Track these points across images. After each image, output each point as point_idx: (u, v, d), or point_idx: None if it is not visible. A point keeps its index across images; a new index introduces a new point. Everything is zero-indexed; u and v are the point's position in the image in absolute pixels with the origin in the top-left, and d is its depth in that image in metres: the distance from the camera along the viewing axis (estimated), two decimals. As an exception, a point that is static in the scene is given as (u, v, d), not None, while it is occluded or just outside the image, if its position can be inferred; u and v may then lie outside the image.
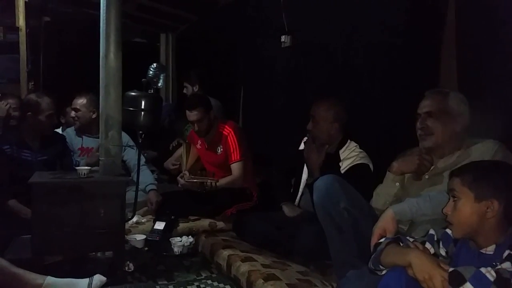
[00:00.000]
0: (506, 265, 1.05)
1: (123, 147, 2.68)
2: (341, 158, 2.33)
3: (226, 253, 2.23)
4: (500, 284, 1.01)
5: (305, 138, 2.55)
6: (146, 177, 2.93)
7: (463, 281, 1.04)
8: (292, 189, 2.59)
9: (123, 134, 2.54)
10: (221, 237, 2.56)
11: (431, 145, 1.78)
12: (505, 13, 1.95)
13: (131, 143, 2.90)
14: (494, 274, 1.02)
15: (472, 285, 1.03)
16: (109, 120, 2.21)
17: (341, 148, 2.36)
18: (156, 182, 3.05)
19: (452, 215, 1.22)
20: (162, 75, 2.43)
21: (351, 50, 2.79)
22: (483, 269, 1.04)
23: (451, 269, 1.09)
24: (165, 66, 4.70)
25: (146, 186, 2.91)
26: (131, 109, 2.29)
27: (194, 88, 3.72)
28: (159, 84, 2.41)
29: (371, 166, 2.27)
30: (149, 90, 2.36)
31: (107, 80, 2.20)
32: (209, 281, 2.16)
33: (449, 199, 1.26)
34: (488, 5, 2.03)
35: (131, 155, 2.95)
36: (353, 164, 2.27)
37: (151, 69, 2.40)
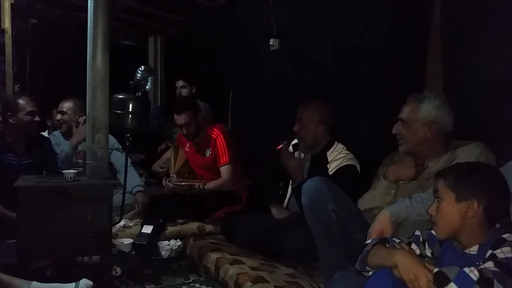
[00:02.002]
0: (488, 264, 1.07)
1: (110, 150, 2.66)
2: (329, 159, 2.34)
3: (214, 256, 2.23)
4: (482, 284, 1.02)
5: (294, 141, 2.56)
6: (133, 179, 2.91)
7: (447, 281, 1.05)
8: (280, 192, 2.60)
9: (110, 137, 2.52)
10: (209, 240, 2.55)
11: (405, 149, 1.85)
12: (489, 17, 1.99)
13: (118, 146, 2.88)
14: (477, 273, 1.04)
15: (456, 285, 1.04)
16: (96, 123, 2.19)
17: (328, 149, 2.37)
18: (143, 183, 3.03)
19: (435, 215, 1.24)
20: (150, 77, 2.42)
21: (339, 54, 2.81)
22: (466, 269, 1.05)
23: (436, 270, 1.10)
24: (153, 68, 4.68)
25: (133, 188, 2.89)
26: (118, 112, 2.27)
27: (192, 89, 3.72)
28: (147, 87, 2.39)
29: (358, 167, 2.29)
30: (137, 93, 2.35)
31: (94, 82, 2.18)
32: (197, 285, 2.15)
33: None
34: (473, 9, 2.06)
35: (117, 157, 2.94)
36: (341, 165, 2.28)
37: (139, 71, 2.39)
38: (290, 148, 2.59)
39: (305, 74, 3.12)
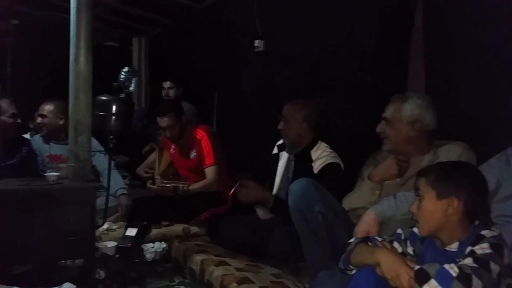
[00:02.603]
0: (467, 260, 1.09)
1: (93, 153, 2.63)
2: (313, 158, 2.35)
3: (199, 258, 2.22)
4: (462, 279, 1.04)
5: (279, 142, 2.56)
6: (116, 182, 2.88)
7: (428, 278, 1.07)
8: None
9: (92, 139, 2.50)
10: (194, 242, 2.54)
11: (388, 148, 1.88)
12: (470, 19, 2.03)
13: (101, 148, 2.86)
14: (456, 270, 1.06)
15: (437, 281, 1.06)
16: (78, 125, 2.16)
17: (312, 148, 2.39)
18: (126, 186, 3.01)
19: (417, 213, 1.26)
20: (134, 79, 2.40)
21: (323, 55, 2.84)
22: (446, 266, 1.07)
23: (417, 267, 1.12)
24: (137, 70, 4.65)
25: (117, 190, 2.86)
26: (101, 113, 2.25)
27: (179, 90, 3.71)
28: (131, 88, 2.38)
29: (342, 165, 2.31)
30: (121, 94, 2.33)
31: (77, 84, 2.16)
32: (182, 287, 2.15)
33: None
34: (454, 10, 2.11)
35: (100, 160, 2.90)
36: (326, 163, 2.30)
37: (123, 73, 2.37)
38: (275, 149, 2.60)
39: (290, 75, 3.13)
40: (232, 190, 2.41)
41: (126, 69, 2.38)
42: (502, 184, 1.52)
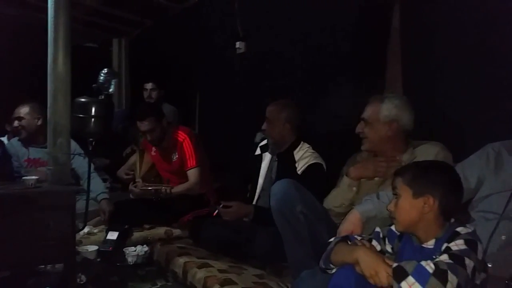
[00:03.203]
0: (443, 257, 1.12)
1: (72, 155, 2.59)
2: (296, 158, 2.37)
3: (182, 260, 2.21)
4: (438, 275, 1.07)
5: (262, 143, 2.58)
6: (97, 186, 2.84)
7: (406, 275, 1.10)
8: (248, 194, 2.61)
9: (71, 141, 2.46)
10: (177, 244, 2.53)
11: (367, 148, 1.93)
12: (446, 21, 2.08)
13: (80, 150, 2.81)
14: (433, 266, 1.08)
15: (414, 278, 1.08)
16: (57, 127, 2.13)
17: (294, 149, 2.40)
18: (107, 190, 2.97)
19: (394, 211, 1.29)
20: (113, 80, 2.38)
21: (304, 56, 2.87)
22: (423, 262, 1.10)
23: (395, 265, 1.14)
24: (117, 71, 4.60)
25: (98, 195, 2.82)
26: (80, 115, 2.22)
27: (161, 92, 3.69)
28: (110, 90, 2.36)
29: (324, 165, 2.33)
30: (100, 96, 2.30)
31: (56, 86, 2.13)
32: (165, 290, 2.14)
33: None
34: (431, 12, 2.16)
35: (80, 163, 2.86)
36: (309, 164, 2.32)
37: (102, 74, 2.35)
38: (258, 150, 2.61)
39: (271, 76, 3.15)
40: (215, 213, 2.44)
41: (105, 70, 2.36)
42: (484, 182, 1.57)
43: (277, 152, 2.46)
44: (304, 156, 2.36)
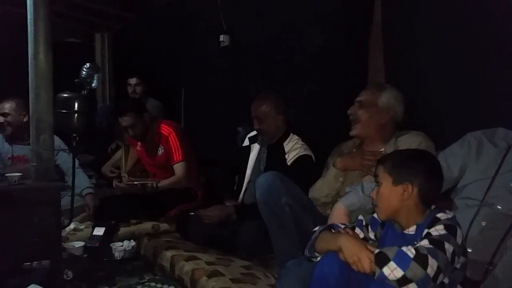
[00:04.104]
0: (424, 242, 1.15)
1: (56, 151, 2.57)
2: (286, 150, 2.39)
3: (169, 254, 2.22)
4: (418, 260, 1.10)
5: (251, 134, 2.58)
6: (82, 181, 2.82)
7: (388, 260, 1.12)
8: (236, 186, 2.62)
9: (55, 137, 2.44)
10: (164, 238, 2.53)
11: (357, 132, 1.93)
12: (427, 13, 2.11)
13: (64, 146, 2.79)
14: (413, 251, 1.11)
15: (395, 263, 1.11)
16: (40, 123, 2.11)
17: (284, 140, 2.42)
18: (92, 185, 2.94)
19: (376, 198, 1.32)
20: (96, 75, 2.36)
21: (287, 49, 2.88)
22: (404, 248, 1.13)
23: (377, 251, 1.17)
24: (99, 66, 4.54)
25: (82, 190, 2.80)
26: (63, 111, 2.20)
27: (145, 86, 3.66)
28: (93, 85, 2.33)
29: (313, 157, 2.35)
30: (83, 91, 2.28)
31: (37, 81, 2.10)
32: (153, 283, 2.14)
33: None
34: (412, 4, 2.19)
35: (64, 159, 2.83)
36: (299, 155, 2.34)
37: (84, 69, 2.32)
38: (247, 140, 2.61)
39: (255, 69, 3.16)
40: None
41: (87, 65, 2.34)
42: (466, 170, 1.60)
43: (267, 144, 2.47)
44: (294, 148, 2.38)
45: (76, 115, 2.20)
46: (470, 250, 1.35)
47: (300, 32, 2.74)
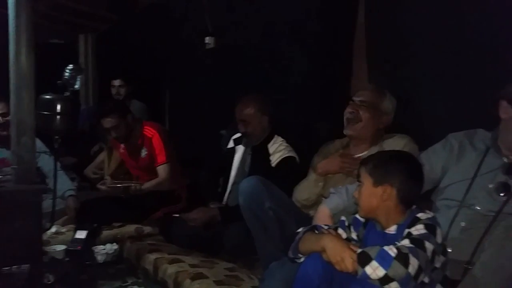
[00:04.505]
0: (405, 241, 1.17)
1: (37, 154, 2.53)
2: (270, 152, 2.39)
3: (152, 257, 2.20)
4: (400, 259, 1.11)
5: (235, 135, 2.58)
6: (64, 184, 2.78)
7: (370, 260, 1.14)
8: (220, 188, 2.62)
9: (37, 140, 2.40)
10: (147, 241, 2.51)
11: (354, 132, 1.92)
12: (410, 15, 2.15)
13: (45, 149, 2.74)
14: (395, 250, 1.13)
15: (377, 262, 1.13)
16: (21, 125, 2.07)
17: (268, 142, 2.42)
18: (74, 187, 2.90)
19: (358, 198, 1.34)
20: (79, 76, 2.33)
21: (272, 51, 2.90)
22: (386, 247, 1.14)
23: (359, 250, 1.18)
24: (83, 67, 4.49)
25: (64, 192, 2.76)
26: (45, 113, 2.17)
27: (129, 88, 3.63)
28: (76, 86, 2.31)
29: (297, 159, 2.36)
30: (65, 93, 2.26)
31: (19, 82, 2.06)
32: (136, 287, 2.12)
33: None
34: (395, 7, 2.23)
35: (45, 161, 2.79)
36: (283, 157, 2.34)
37: (67, 70, 2.30)
38: (231, 142, 2.61)
39: (240, 71, 3.16)
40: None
41: (70, 66, 2.31)
42: (448, 171, 1.63)
43: (252, 146, 2.47)
44: (278, 150, 2.38)
45: (58, 117, 2.17)
46: (450, 250, 1.37)
47: (284, 35, 2.76)
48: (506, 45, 1.76)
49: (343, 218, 1.43)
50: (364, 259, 1.15)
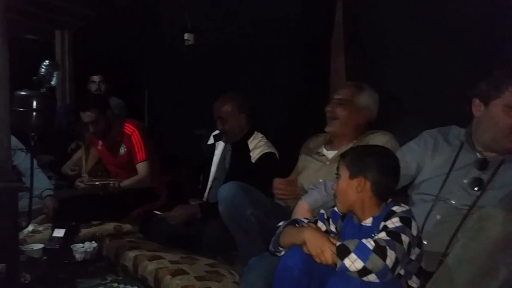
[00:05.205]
0: (381, 234, 1.20)
1: (13, 151, 2.47)
2: (250, 148, 2.41)
3: (132, 254, 2.19)
4: (377, 251, 1.14)
5: (215, 132, 2.58)
6: (41, 182, 2.71)
7: (349, 252, 1.16)
8: (201, 185, 2.61)
9: (12, 137, 2.35)
10: (127, 239, 2.49)
11: (333, 129, 1.97)
12: (386, 14, 2.20)
13: (21, 146, 2.69)
14: (373, 243, 1.16)
15: (356, 254, 1.15)
16: (-4, 122, 2.03)
17: (248, 138, 2.43)
18: (52, 187, 2.84)
19: (335, 190, 1.37)
20: (55, 72, 2.30)
21: (252, 48, 2.91)
22: (364, 240, 1.17)
23: (338, 243, 1.21)
24: (59, 64, 4.40)
25: (42, 191, 2.70)
26: (21, 109, 2.13)
27: (109, 85, 3.58)
28: (52, 82, 2.28)
29: (277, 155, 2.38)
30: (41, 89, 2.22)
31: (-8, 78, 2.02)
32: (115, 284, 2.11)
33: None
34: (371, 6, 2.27)
35: (21, 159, 2.72)
36: (263, 152, 2.36)
37: (43, 66, 2.27)
38: (211, 139, 2.61)
39: (220, 67, 3.16)
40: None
41: (46, 62, 2.28)
42: (423, 167, 1.67)
43: (232, 142, 2.48)
44: (258, 146, 2.40)
45: (34, 113, 2.13)
46: (425, 243, 1.41)
47: (263, 32, 2.78)
48: (480, 42, 1.81)
49: (322, 211, 1.45)
50: (343, 252, 1.17)
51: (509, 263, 1.16)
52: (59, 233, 2.43)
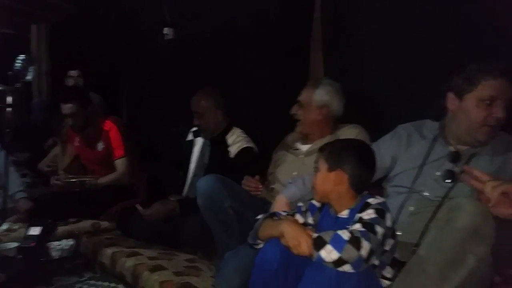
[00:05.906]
0: (357, 226, 1.22)
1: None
2: (229, 143, 2.41)
3: (110, 251, 2.17)
4: (352, 242, 1.16)
5: (194, 128, 2.58)
6: (14, 183, 2.60)
7: (325, 244, 1.18)
8: (180, 180, 2.60)
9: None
10: (105, 236, 2.46)
11: (300, 130, 2.04)
12: (363, 9, 2.22)
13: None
14: (348, 234, 1.18)
15: (332, 245, 1.17)
16: (-32, 117, 1.99)
17: (227, 133, 2.44)
18: (24, 188, 2.73)
19: (314, 183, 1.39)
20: (31, 67, 2.26)
21: (231, 43, 2.91)
22: (339, 231, 1.19)
23: (315, 235, 1.22)
24: (35, 58, 4.31)
25: (15, 193, 2.61)
26: (-5, 105, 2.09)
27: (87, 80, 3.52)
28: (28, 77, 2.24)
29: (256, 149, 2.40)
30: (16, 84, 2.18)
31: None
32: (93, 281, 2.09)
33: None
34: (348, 3, 2.29)
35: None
36: (242, 147, 2.37)
37: (18, 61, 2.22)
38: (190, 135, 2.60)
39: (200, 62, 3.15)
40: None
41: (22, 57, 2.24)
42: (397, 161, 1.71)
43: (210, 137, 2.47)
44: (236, 141, 2.40)
45: (9, 109, 2.10)
46: (399, 233, 1.45)
47: (242, 27, 2.78)
48: (456, 36, 1.85)
49: (300, 204, 1.48)
50: (319, 243, 1.19)
51: (477, 252, 1.20)
52: (35, 231, 2.38)
